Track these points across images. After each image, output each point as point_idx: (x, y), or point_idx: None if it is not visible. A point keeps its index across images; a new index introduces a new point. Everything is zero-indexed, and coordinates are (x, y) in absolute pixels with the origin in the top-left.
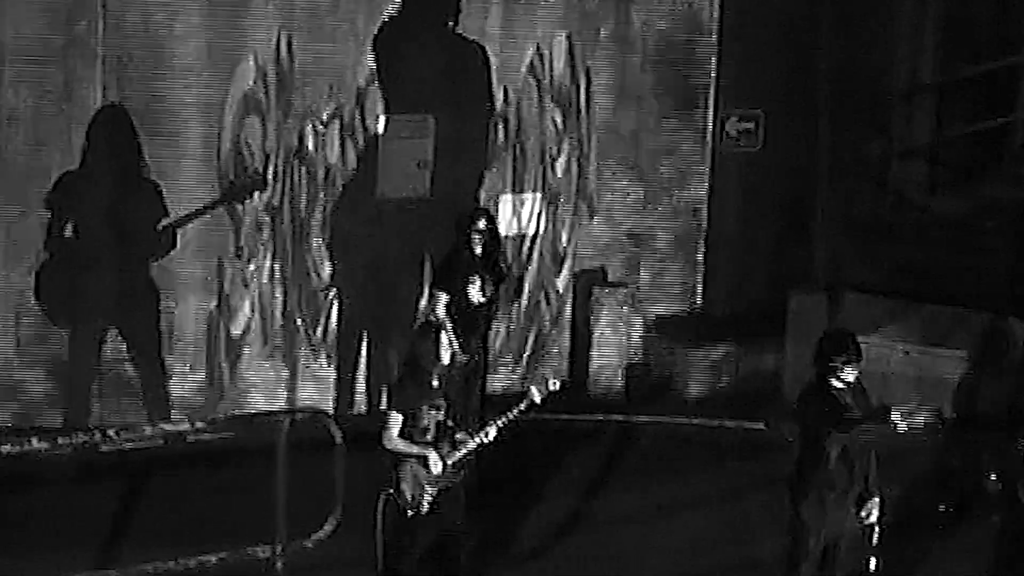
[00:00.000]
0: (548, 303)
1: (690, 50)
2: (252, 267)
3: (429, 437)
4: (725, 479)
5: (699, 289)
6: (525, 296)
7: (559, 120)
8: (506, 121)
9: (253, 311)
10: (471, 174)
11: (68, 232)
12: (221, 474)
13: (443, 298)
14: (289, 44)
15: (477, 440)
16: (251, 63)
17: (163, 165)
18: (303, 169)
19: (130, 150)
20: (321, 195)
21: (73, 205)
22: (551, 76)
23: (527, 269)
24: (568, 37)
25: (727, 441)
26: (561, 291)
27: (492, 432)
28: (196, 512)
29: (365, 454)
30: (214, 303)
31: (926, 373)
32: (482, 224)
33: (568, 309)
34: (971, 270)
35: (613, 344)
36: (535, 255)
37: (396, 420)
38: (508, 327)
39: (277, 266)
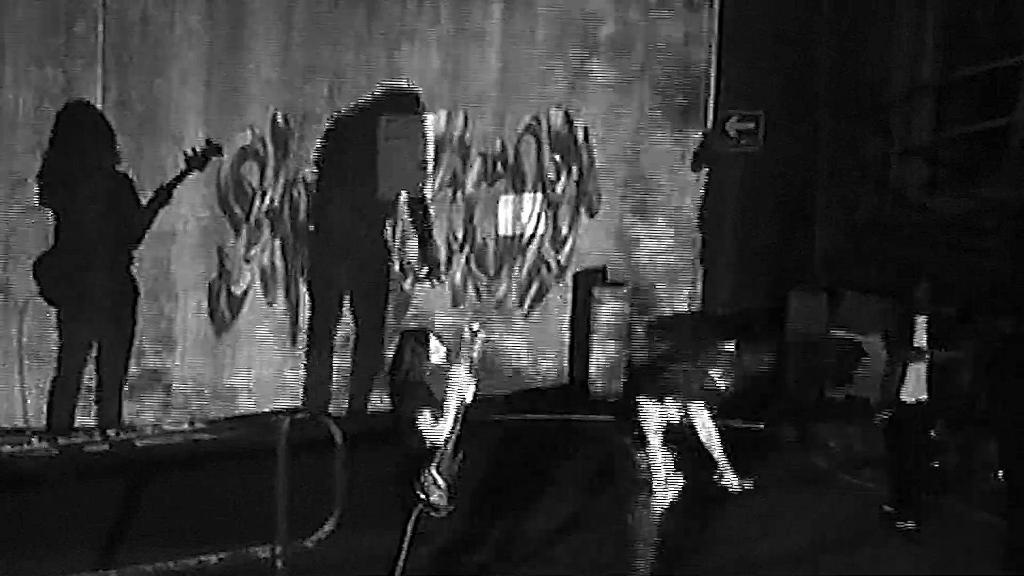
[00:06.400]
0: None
1: (690, 50)
2: (252, 266)
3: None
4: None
5: (699, 289)
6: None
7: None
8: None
9: (251, 312)
10: None
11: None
12: (221, 474)
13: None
14: (289, 44)
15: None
16: (251, 62)
17: (163, 165)
18: (303, 169)
19: (101, 145)
20: (320, 196)
21: (56, 202)
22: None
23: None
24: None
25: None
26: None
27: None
28: (196, 512)
29: (365, 454)
30: (213, 303)
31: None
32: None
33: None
34: (971, 270)
35: (613, 344)
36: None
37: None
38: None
39: (278, 266)
